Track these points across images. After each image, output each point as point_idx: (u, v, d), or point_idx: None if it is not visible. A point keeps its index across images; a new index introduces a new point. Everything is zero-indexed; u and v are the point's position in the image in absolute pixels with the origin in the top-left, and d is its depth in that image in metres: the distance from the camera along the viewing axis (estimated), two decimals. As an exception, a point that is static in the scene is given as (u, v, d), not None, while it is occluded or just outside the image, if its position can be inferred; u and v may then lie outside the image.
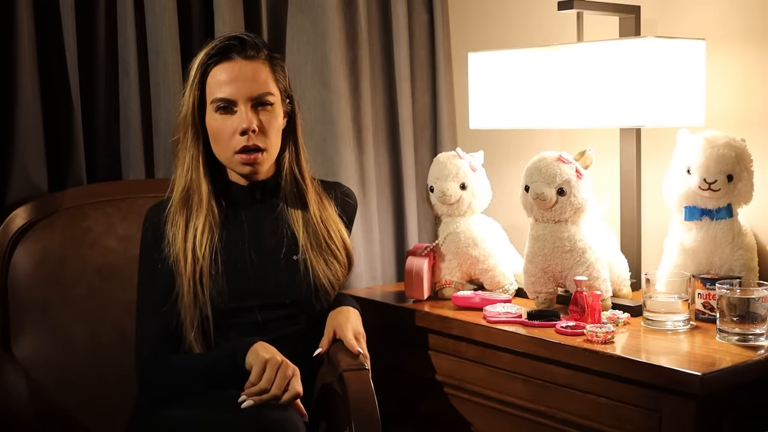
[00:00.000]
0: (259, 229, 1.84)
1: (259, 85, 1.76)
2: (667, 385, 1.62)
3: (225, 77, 1.75)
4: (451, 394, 2.06)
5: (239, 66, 1.76)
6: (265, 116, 1.77)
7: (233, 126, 1.75)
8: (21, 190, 2.02)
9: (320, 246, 1.86)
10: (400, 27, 2.53)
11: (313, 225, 1.86)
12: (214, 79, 1.76)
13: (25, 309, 1.95)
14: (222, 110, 1.76)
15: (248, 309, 1.78)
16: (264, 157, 1.78)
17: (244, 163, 1.77)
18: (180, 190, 1.80)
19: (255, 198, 1.86)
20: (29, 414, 1.86)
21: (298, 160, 1.88)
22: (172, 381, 1.73)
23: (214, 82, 1.76)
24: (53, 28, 2.08)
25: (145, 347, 1.77)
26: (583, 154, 1.98)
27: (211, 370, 1.70)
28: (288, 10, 2.40)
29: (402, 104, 2.55)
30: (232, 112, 1.75)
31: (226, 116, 1.76)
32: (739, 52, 2.04)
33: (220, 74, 1.76)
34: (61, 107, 2.10)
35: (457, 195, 2.13)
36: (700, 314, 1.89)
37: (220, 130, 1.76)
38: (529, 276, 2.01)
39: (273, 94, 1.79)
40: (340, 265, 1.88)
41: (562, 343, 1.78)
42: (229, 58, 1.76)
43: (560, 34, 2.30)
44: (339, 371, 1.73)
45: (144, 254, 1.82)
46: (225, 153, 1.78)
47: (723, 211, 1.91)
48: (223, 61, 1.76)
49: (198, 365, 1.73)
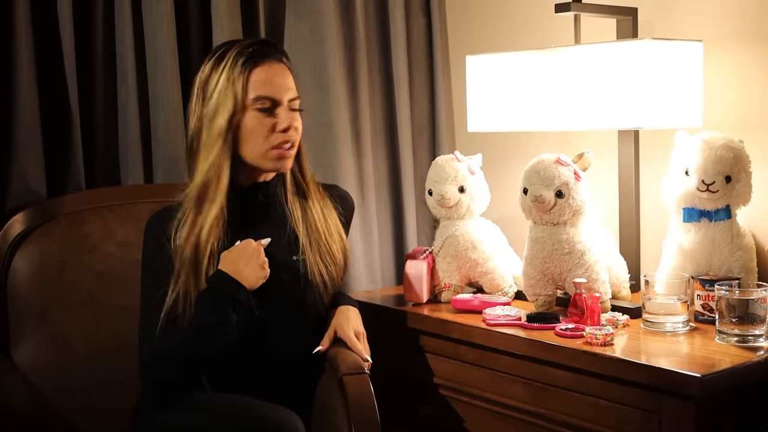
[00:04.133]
0: (262, 230, 1.85)
1: (293, 89, 1.84)
2: (666, 386, 1.62)
3: (267, 77, 1.80)
4: (451, 397, 2.05)
5: (277, 68, 1.82)
6: (297, 117, 1.85)
7: (271, 123, 1.80)
8: (20, 196, 2.02)
9: (320, 247, 1.88)
10: (398, 30, 2.53)
11: (315, 226, 1.89)
12: (255, 78, 1.79)
13: (24, 315, 1.95)
14: (262, 108, 1.80)
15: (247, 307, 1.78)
16: (293, 153, 1.85)
17: (279, 157, 1.82)
18: (198, 186, 1.80)
19: (257, 199, 1.87)
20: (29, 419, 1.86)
21: (300, 163, 1.91)
22: (170, 360, 1.72)
23: (256, 82, 1.79)
24: (51, 35, 2.09)
25: (147, 349, 1.77)
26: (581, 156, 1.98)
27: (199, 327, 1.71)
28: (286, 14, 2.40)
29: (400, 107, 2.56)
30: (272, 111, 1.80)
31: (264, 114, 1.80)
32: (736, 54, 2.04)
33: (261, 74, 1.80)
34: (59, 113, 2.11)
35: (456, 198, 2.13)
36: (700, 316, 1.89)
37: (258, 127, 1.80)
38: (528, 278, 2.01)
39: (300, 97, 1.86)
40: (337, 266, 1.90)
41: (562, 346, 1.78)
42: (267, 60, 1.81)
43: (558, 37, 2.30)
44: (339, 375, 1.73)
45: (146, 259, 1.82)
46: (260, 149, 1.81)
47: (721, 213, 1.91)
48: (261, 63, 1.81)
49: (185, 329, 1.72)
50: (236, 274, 1.74)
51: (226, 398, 1.71)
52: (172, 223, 1.80)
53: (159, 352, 1.72)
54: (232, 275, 1.73)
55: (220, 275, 1.74)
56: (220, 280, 1.73)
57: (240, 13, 2.31)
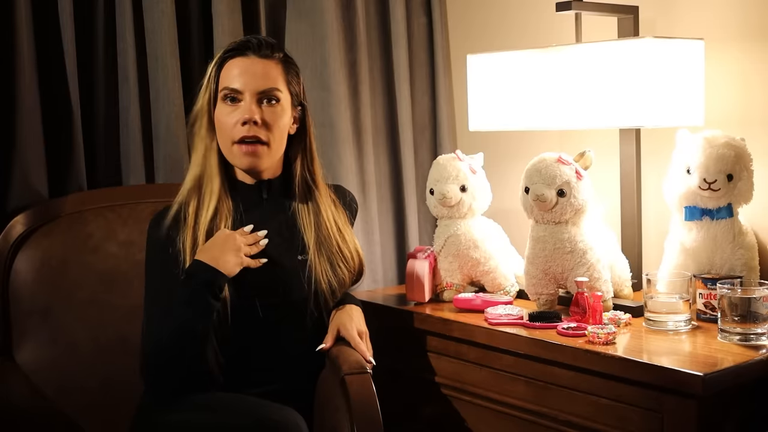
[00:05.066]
0: (267, 229, 1.84)
1: (267, 81, 1.80)
2: (668, 385, 1.62)
3: (237, 70, 1.80)
4: (453, 397, 2.06)
5: (252, 62, 1.81)
6: (271, 111, 1.81)
7: (236, 116, 1.78)
8: (21, 197, 2.02)
9: (331, 250, 1.87)
10: (398, 30, 2.53)
11: (326, 229, 1.88)
12: (227, 71, 1.81)
13: (26, 315, 1.95)
14: (229, 100, 1.80)
15: (251, 306, 1.79)
16: (264, 151, 1.80)
17: (243, 153, 1.79)
18: (192, 178, 1.83)
19: (261, 197, 1.87)
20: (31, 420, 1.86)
21: (312, 167, 1.90)
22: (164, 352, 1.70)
23: (226, 75, 1.81)
24: (52, 34, 2.09)
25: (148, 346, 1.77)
26: (582, 155, 1.98)
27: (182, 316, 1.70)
28: (286, 14, 2.40)
29: (401, 107, 2.56)
30: (237, 102, 1.79)
31: (232, 107, 1.80)
32: (737, 52, 2.04)
33: (233, 67, 1.81)
34: (61, 113, 2.10)
35: (458, 197, 2.13)
36: (702, 314, 1.89)
37: (224, 120, 1.80)
38: (530, 277, 2.01)
39: (280, 91, 1.82)
40: (349, 271, 1.90)
41: (564, 345, 1.78)
42: (244, 54, 1.82)
43: (559, 36, 2.30)
44: (341, 375, 1.73)
45: (150, 257, 1.82)
46: (226, 143, 1.81)
47: (723, 211, 1.91)
48: (237, 56, 1.81)
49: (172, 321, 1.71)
50: (213, 261, 1.73)
51: (228, 398, 1.71)
52: (175, 221, 1.80)
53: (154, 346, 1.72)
54: (208, 263, 1.73)
55: (196, 264, 1.74)
56: (197, 268, 1.73)
57: (240, 13, 2.31)
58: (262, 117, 1.78)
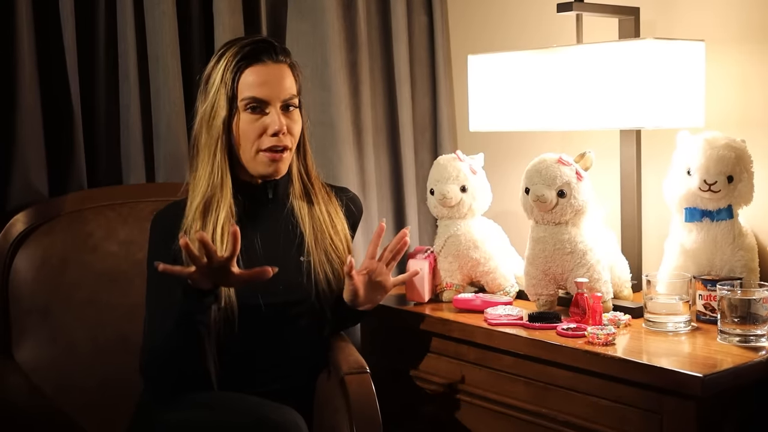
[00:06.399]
0: (270, 229, 1.85)
1: (288, 89, 1.81)
2: (668, 386, 1.62)
3: (258, 78, 1.79)
4: (452, 397, 2.05)
5: (269, 69, 1.80)
6: (291, 117, 1.82)
7: (262, 125, 1.78)
8: (22, 195, 2.02)
9: (326, 246, 1.88)
10: (399, 30, 2.53)
11: (320, 225, 1.89)
12: (246, 79, 1.79)
13: (26, 314, 1.95)
14: (250, 109, 1.79)
15: (255, 306, 1.79)
16: (287, 156, 1.83)
17: (271, 161, 1.80)
18: (202, 195, 1.79)
19: (267, 197, 1.87)
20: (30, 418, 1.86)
21: (306, 162, 1.91)
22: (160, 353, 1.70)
23: (246, 83, 1.79)
24: (53, 33, 2.09)
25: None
26: (583, 156, 1.98)
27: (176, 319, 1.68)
28: (287, 13, 2.40)
29: (402, 107, 2.56)
30: (262, 112, 1.79)
31: (256, 116, 1.79)
32: (738, 53, 2.04)
33: (253, 75, 1.79)
34: (61, 112, 2.11)
35: (458, 197, 2.13)
36: (701, 315, 1.89)
37: (248, 129, 1.79)
38: (530, 278, 2.01)
39: (296, 97, 1.84)
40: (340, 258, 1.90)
41: (563, 345, 1.78)
42: (261, 60, 1.80)
43: (559, 36, 2.30)
44: (341, 374, 1.73)
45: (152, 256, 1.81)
46: (248, 151, 1.80)
47: (723, 212, 1.91)
48: (254, 63, 1.80)
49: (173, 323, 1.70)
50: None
51: (228, 397, 1.71)
52: (179, 220, 1.79)
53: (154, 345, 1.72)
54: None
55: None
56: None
57: (241, 12, 2.31)
58: (288, 125, 1.80)
